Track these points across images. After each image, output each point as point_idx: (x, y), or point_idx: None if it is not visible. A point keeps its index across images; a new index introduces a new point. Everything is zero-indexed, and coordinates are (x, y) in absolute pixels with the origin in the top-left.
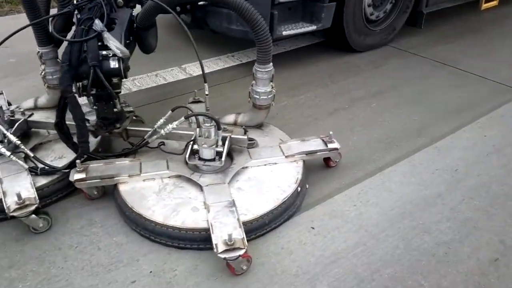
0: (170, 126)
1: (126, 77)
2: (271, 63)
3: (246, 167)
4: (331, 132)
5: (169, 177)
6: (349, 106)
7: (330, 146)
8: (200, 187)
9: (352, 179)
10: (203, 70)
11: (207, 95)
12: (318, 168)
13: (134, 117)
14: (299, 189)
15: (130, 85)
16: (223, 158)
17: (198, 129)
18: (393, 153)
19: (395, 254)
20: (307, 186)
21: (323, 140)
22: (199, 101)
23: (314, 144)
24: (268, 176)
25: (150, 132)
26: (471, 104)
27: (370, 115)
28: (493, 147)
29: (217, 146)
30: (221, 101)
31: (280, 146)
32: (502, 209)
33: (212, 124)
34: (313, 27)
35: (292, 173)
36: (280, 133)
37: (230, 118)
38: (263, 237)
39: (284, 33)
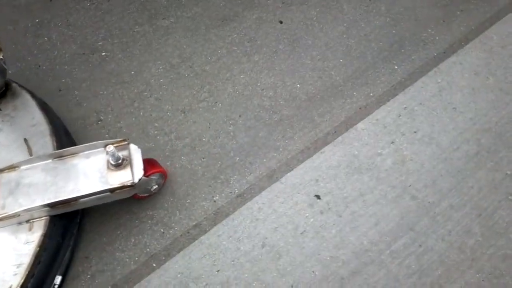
0: None
1: None
2: None
3: None
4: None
5: None
6: None
7: (114, 182)
8: None
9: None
10: None
11: None
12: None
13: None
14: None
15: None
16: None
17: None
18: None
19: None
20: (57, 283)
21: (114, 156)
22: None
23: (85, 169)
24: None
25: None
26: None
27: None
28: None
29: None
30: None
31: None
32: None
33: None
34: None
35: (6, 267)
36: (33, 120)
37: None
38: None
39: None
